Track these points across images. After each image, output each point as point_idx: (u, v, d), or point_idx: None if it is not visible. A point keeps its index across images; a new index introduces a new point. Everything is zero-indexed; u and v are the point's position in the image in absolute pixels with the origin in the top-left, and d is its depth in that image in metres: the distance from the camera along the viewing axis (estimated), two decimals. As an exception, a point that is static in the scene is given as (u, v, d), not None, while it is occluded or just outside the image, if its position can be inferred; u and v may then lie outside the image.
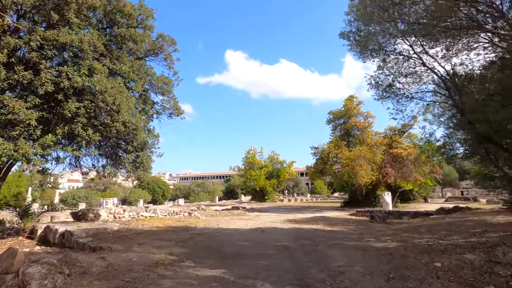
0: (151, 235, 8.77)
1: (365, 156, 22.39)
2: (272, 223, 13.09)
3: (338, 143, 23.71)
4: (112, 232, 8.94)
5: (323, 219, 15.24)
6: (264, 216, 18.49)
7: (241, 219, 15.75)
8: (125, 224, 10.96)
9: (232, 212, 20.73)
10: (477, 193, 51.67)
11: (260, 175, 36.25)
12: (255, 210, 23.53)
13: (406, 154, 23.56)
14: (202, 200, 55.89)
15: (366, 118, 24.91)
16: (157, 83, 12.28)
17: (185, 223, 11.97)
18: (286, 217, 17.94)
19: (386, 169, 23.52)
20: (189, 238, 8.38)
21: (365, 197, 26.68)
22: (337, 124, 26.26)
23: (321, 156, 23.95)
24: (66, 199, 46.94)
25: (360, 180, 21.86)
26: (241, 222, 13.40)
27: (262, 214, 19.76)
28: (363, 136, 24.33)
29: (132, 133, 9.87)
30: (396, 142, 24.90)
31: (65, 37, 8.13)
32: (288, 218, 16.82)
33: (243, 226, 11.42)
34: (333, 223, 13.12)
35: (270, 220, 15.17)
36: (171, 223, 11.58)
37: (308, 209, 26.01)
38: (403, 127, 26.28)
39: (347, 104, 25.02)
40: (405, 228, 10.01)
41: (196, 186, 66.38)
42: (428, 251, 5.70)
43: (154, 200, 70.72)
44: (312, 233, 9.52)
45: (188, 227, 10.64)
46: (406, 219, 17.20)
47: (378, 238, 7.92)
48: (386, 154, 24.67)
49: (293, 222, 13.58)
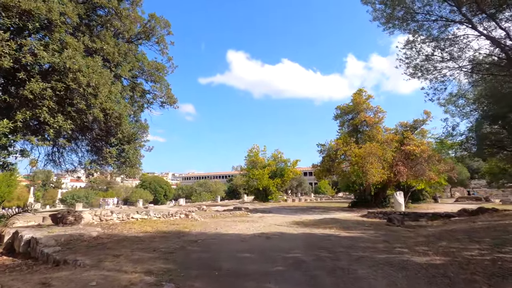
0: (133, 243, 7.22)
1: (376, 153, 20.72)
2: (278, 226, 11.51)
3: (346, 139, 22.05)
4: (88, 239, 7.41)
5: (334, 222, 13.63)
6: (268, 217, 16.91)
7: (243, 221, 14.19)
8: (110, 228, 9.44)
9: (234, 213, 19.17)
10: (486, 193, 49.68)
11: (263, 174, 34.65)
12: (258, 211, 21.95)
13: (419, 151, 21.86)
14: (204, 200, 54.42)
15: (376, 113, 23.21)
16: (148, 69, 10.74)
17: (179, 226, 10.42)
18: (292, 218, 16.34)
19: (398, 167, 21.84)
20: (178, 247, 6.82)
21: (375, 197, 24.98)
22: (344, 120, 24.56)
23: (328, 154, 22.29)
24: (66, 199, 45.66)
25: (370, 179, 20.19)
26: (243, 225, 11.84)
27: (265, 216, 18.18)
28: (372, 132, 22.63)
29: (114, 122, 8.35)
30: (408, 138, 23.19)
31: (28, 3, 6.62)
32: (295, 220, 15.22)
33: (245, 231, 9.84)
34: (346, 227, 11.51)
35: (275, 222, 13.60)
36: (163, 227, 10.04)
37: (314, 209, 24.39)
38: (415, 123, 24.60)
39: (355, 98, 23.33)
40: (438, 234, 8.37)
41: (198, 186, 64.93)
42: (499, 273, 4.09)
43: (156, 200, 69.38)
44: (327, 240, 7.92)
45: (181, 232, 9.09)
46: (425, 221, 15.51)
47: (413, 249, 6.30)
48: (397, 151, 22.98)
49: (301, 226, 11.99)
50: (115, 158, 8.59)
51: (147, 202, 62.64)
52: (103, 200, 44.64)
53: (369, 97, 23.53)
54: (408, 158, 22.68)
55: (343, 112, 24.22)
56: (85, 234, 7.77)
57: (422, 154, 21.88)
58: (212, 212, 22.15)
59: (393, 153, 22.25)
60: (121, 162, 8.92)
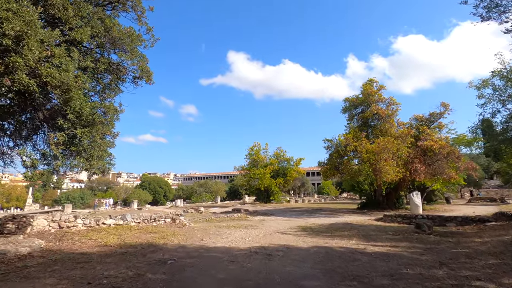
0: (71, 267, 4.83)
1: (391, 149, 18.24)
2: (282, 235, 9.07)
3: (357, 134, 19.58)
4: (7, 261, 5.04)
5: (349, 228, 11.17)
6: (270, 221, 14.49)
7: (240, 226, 11.79)
8: (60, 240, 7.06)
9: (231, 216, 16.77)
10: (497, 194, 46.89)
11: (264, 173, 32.18)
12: (259, 213, 19.53)
13: (438, 147, 19.33)
14: (205, 200, 52.05)
15: (389, 105, 20.69)
16: (118, 37, 8.37)
17: (156, 236, 8.02)
18: (298, 223, 13.92)
19: (415, 165, 19.32)
20: (132, 276, 4.43)
21: (387, 198, 22.48)
22: (353, 113, 22.05)
23: (336, 150, 19.80)
24: (60, 200, 43.39)
25: (385, 177, 17.72)
26: (238, 233, 9.42)
27: (267, 219, 15.76)
28: (385, 126, 20.11)
29: (61, 97, 6.00)
30: (425, 133, 20.68)
31: None
32: (301, 225, 12.80)
33: (240, 243, 7.43)
34: (367, 236, 9.07)
35: (278, 228, 11.17)
36: (133, 238, 7.64)
37: (320, 211, 21.93)
38: (431, 116, 22.07)
39: (366, 89, 20.82)
40: (504, 249, 5.89)
41: (198, 187, 62.53)
42: None
43: (156, 201, 67.11)
44: (354, 261, 5.49)
45: (153, 246, 6.68)
46: (454, 227, 13.03)
47: (499, 282, 3.87)
48: (412, 147, 20.49)
49: (310, 233, 9.55)
50: (62, 146, 6.23)
51: (146, 202, 60.43)
52: (98, 201, 42.34)
53: (381, 88, 21.01)
54: (425, 154, 20.16)
55: (352, 104, 21.70)
56: (10, 251, 5.40)
57: (441, 150, 19.36)
58: (207, 215, 19.77)
59: (408, 149, 19.76)
60: (72, 151, 6.52)
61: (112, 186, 79.55)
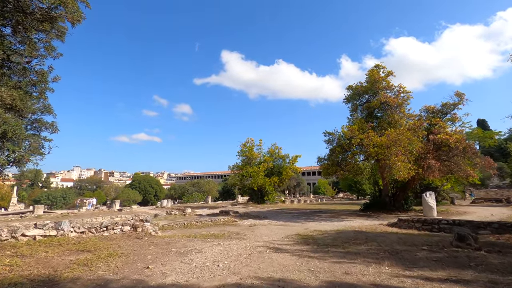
0: None
1: (403, 142, 15.53)
2: (276, 254, 6.18)
3: (363, 125, 16.83)
4: None
5: (364, 239, 8.34)
6: (262, 227, 11.60)
7: (223, 236, 8.92)
8: None
9: (216, 220, 13.85)
10: (497, 194, 44.70)
11: (258, 171, 29.28)
12: (250, 216, 16.66)
13: (454, 141, 16.68)
14: (196, 200, 48.87)
15: (398, 94, 17.98)
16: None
17: (83, 259, 5.08)
18: (295, 229, 11.07)
19: (428, 161, 16.63)
20: None
21: (394, 199, 19.78)
22: (357, 103, 19.29)
23: (339, 144, 17.01)
24: (40, 200, 39.83)
25: (396, 174, 14.99)
26: (214, 250, 6.52)
27: (258, 224, 12.88)
28: (394, 118, 17.38)
29: None
30: (438, 126, 18.03)
31: None
32: (300, 233, 9.97)
33: (205, 275, 4.52)
34: (396, 253, 6.28)
35: (271, 239, 8.31)
36: (31, 266, 4.68)
37: (319, 214, 19.13)
38: (444, 107, 19.41)
39: (372, 75, 18.04)
40: None
41: (190, 186, 59.27)
42: None
43: (146, 201, 63.64)
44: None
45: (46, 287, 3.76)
46: (490, 235, 10.34)
47: None
48: (423, 141, 17.83)
49: (315, 249, 6.70)
50: None
51: (135, 203, 56.97)
52: (80, 200, 38.94)
53: (389, 74, 18.24)
54: (438, 149, 17.49)
55: (356, 93, 18.91)
56: None
57: (457, 144, 16.70)
58: (191, 217, 16.80)
59: (421, 144, 17.07)
60: None
61: (101, 185, 75.80)
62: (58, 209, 42.74)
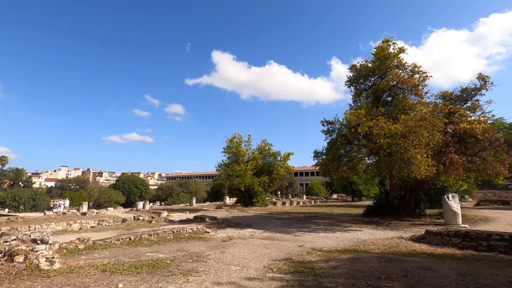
0: None
1: (421, 132, 12.04)
2: None
3: (371, 111, 13.28)
4: None
5: (400, 277, 4.70)
6: (238, 245, 7.74)
7: (165, 266, 5.14)
8: None
9: (180, 232, 9.97)
10: (495, 195, 41.95)
11: (246, 170, 25.53)
12: (230, 224, 12.86)
13: (481, 130, 13.28)
14: (183, 202, 44.75)
15: (413, 74, 14.51)
16: None
17: None
18: (286, 248, 7.33)
19: (450, 156, 13.15)
20: None
21: (404, 201, 16.27)
22: (362, 87, 15.74)
23: (340, 134, 13.38)
24: (5, 201, 35.10)
25: (416, 172, 11.45)
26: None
27: (235, 237, 9.10)
28: (408, 103, 13.87)
29: None
30: (459, 114, 14.62)
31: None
32: (292, 257, 6.21)
33: None
34: None
35: (245, 273, 4.55)
36: None
37: (316, 220, 15.46)
38: (464, 93, 16.01)
39: (380, 52, 14.48)
40: None
41: (177, 186, 54.99)
42: None
43: (130, 202, 59.00)
44: None
45: None
46: None
47: None
48: (440, 132, 14.37)
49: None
50: None
51: (118, 204, 52.45)
52: (53, 202, 34.47)
53: (401, 51, 14.67)
54: (460, 141, 14.05)
55: (360, 74, 15.35)
56: None
57: (485, 135, 13.30)
58: (156, 225, 12.93)
59: (440, 135, 13.61)
60: None
61: (84, 185, 70.68)
62: (27, 211, 38.15)
